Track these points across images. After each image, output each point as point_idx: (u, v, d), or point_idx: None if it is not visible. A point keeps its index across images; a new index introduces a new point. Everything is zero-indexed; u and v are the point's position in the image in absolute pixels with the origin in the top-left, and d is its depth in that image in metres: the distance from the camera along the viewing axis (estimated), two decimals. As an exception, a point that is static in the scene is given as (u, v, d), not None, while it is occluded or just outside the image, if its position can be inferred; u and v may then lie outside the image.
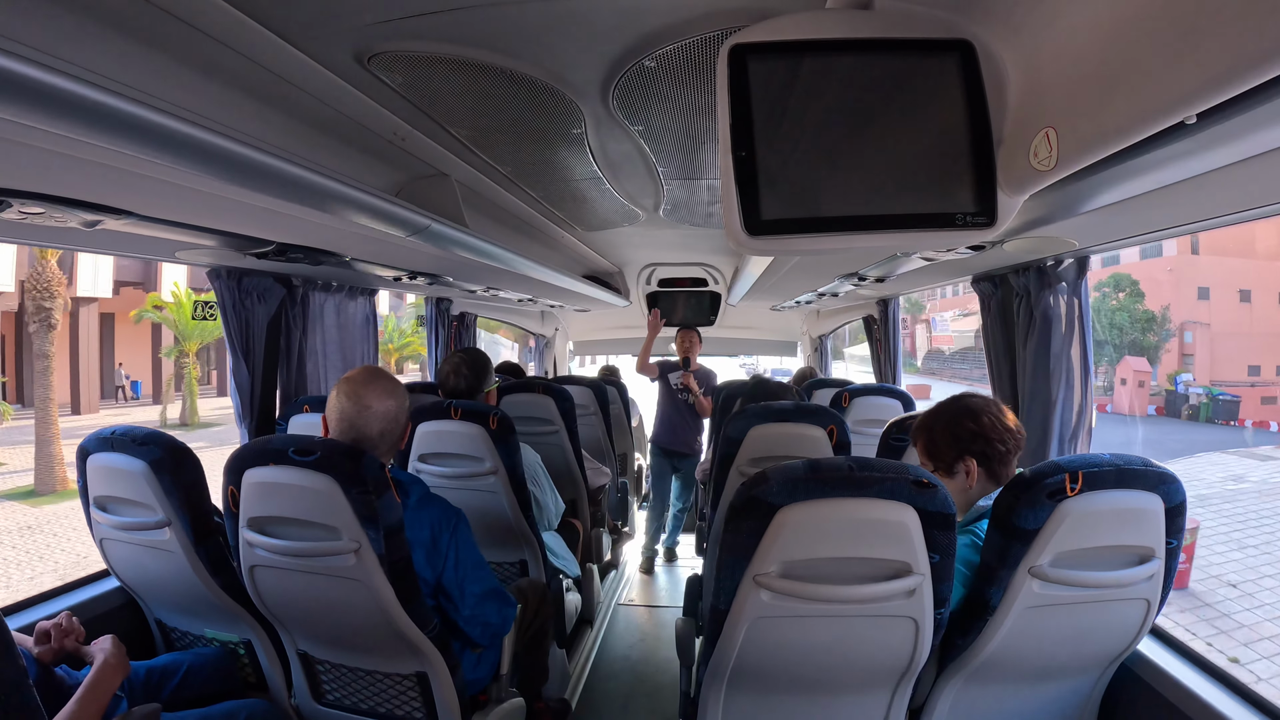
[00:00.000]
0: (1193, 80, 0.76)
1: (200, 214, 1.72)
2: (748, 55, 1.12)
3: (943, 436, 1.71)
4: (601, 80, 1.60)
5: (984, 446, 1.66)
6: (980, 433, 1.66)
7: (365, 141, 1.85)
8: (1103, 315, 29.89)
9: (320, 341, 2.94)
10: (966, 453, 1.67)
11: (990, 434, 1.65)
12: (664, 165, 2.31)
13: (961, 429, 1.68)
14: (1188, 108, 0.79)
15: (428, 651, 1.68)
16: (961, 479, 1.69)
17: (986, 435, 1.66)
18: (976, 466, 1.67)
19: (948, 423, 1.70)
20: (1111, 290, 30.76)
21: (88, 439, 1.90)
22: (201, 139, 1.08)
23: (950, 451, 1.69)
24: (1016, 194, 1.14)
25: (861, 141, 1.16)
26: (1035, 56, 1.07)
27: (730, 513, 1.43)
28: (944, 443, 1.70)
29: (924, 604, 1.43)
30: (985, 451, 1.66)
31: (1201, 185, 1.23)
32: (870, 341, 4.61)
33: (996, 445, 1.65)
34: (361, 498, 1.53)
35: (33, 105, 0.86)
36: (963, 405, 1.71)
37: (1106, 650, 1.63)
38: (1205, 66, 0.74)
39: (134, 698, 1.70)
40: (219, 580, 1.88)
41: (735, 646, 1.48)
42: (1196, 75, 0.75)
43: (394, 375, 1.79)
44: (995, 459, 1.66)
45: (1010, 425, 1.67)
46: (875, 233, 1.16)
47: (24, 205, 1.40)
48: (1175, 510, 1.52)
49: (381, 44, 1.38)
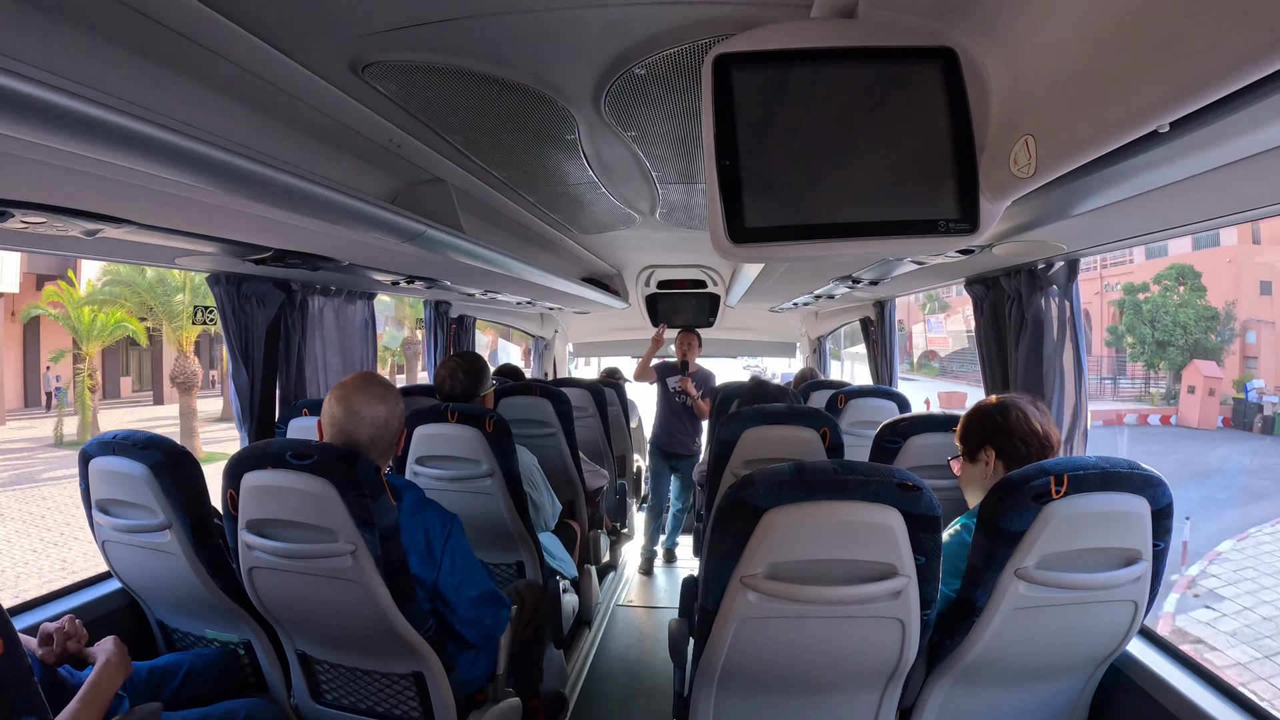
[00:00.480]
0: (1164, 90, 0.78)
1: (199, 222, 1.75)
2: (732, 65, 1.14)
3: (973, 423, 1.82)
4: (593, 88, 1.62)
5: (1004, 441, 1.74)
6: (1004, 428, 1.75)
7: (361, 148, 1.87)
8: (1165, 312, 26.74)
9: (319, 345, 2.96)
10: (988, 443, 1.77)
11: (1013, 431, 1.74)
12: (658, 169, 2.32)
13: (989, 420, 1.78)
14: (1160, 117, 0.81)
15: (424, 652, 1.70)
16: (983, 466, 1.79)
17: (1009, 431, 1.74)
18: (995, 458, 1.76)
19: (981, 412, 1.82)
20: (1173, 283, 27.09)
21: (89, 443, 1.93)
22: (198, 150, 1.10)
23: (975, 438, 1.80)
24: (998, 200, 1.15)
25: (846, 149, 1.18)
26: (1016, 65, 1.08)
27: (718, 515, 1.45)
28: (973, 429, 1.81)
29: (910, 605, 1.45)
30: (1005, 446, 1.74)
31: (1184, 190, 1.25)
32: (867, 343, 4.62)
33: (1017, 444, 1.73)
34: (357, 501, 1.55)
35: (32, 120, 0.88)
36: (1000, 401, 1.81)
37: (1095, 651, 1.64)
38: (1176, 77, 0.76)
39: (135, 697, 1.72)
40: (219, 582, 1.91)
41: (724, 647, 1.50)
42: (1168, 85, 0.77)
43: (389, 381, 1.80)
44: (1013, 456, 1.73)
45: (1036, 429, 1.73)
46: (859, 240, 1.18)
47: (25, 215, 1.42)
48: (1162, 513, 1.54)
49: (375, 54, 1.40)
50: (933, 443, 2.28)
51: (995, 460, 1.76)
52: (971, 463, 1.82)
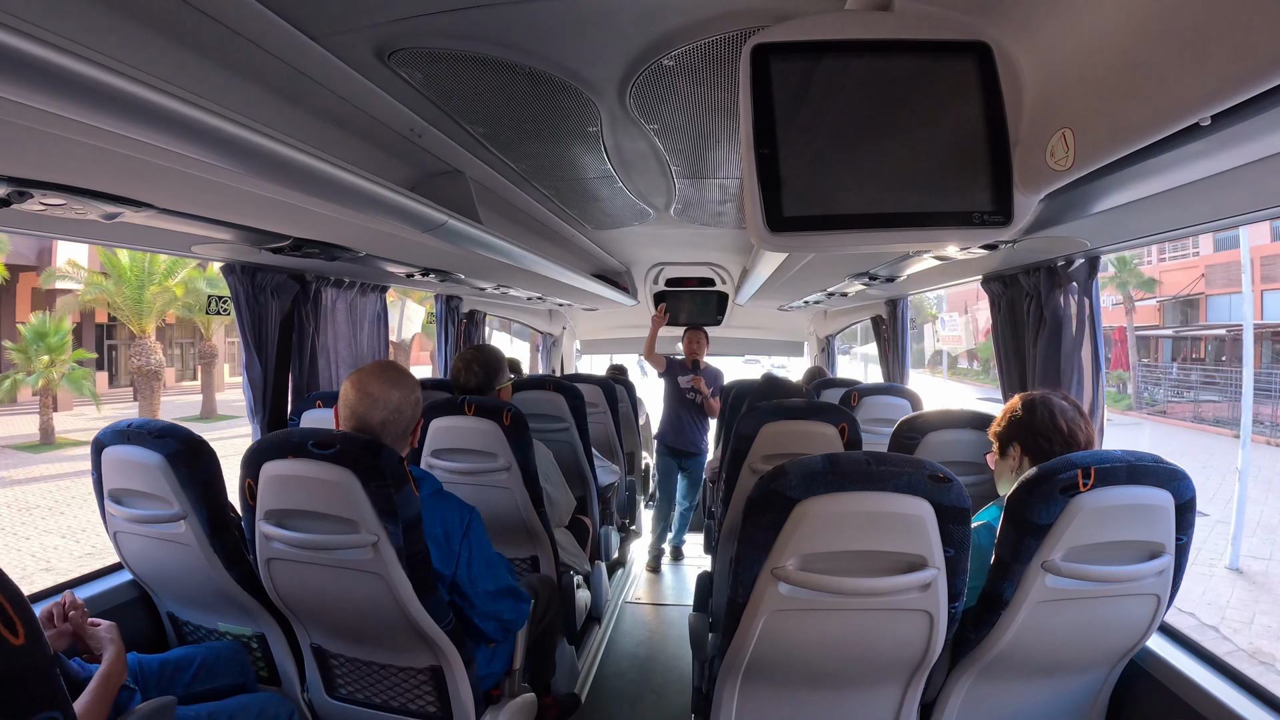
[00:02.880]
0: (1208, 83, 0.78)
1: (218, 207, 1.74)
2: (770, 55, 1.14)
3: (1006, 418, 1.86)
4: (619, 79, 1.61)
5: (1029, 438, 1.77)
6: (1030, 424, 1.78)
7: (381, 138, 1.86)
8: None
9: (332, 338, 2.95)
10: (1015, 439, 1.81)
11: (1038, 428, 1.76)
12: (677, 164, 2.31)
13: (1018, 416, 1.82)
14: (1203, 109, 0.80)
15: (443, 646, 1.69)
16: (1012, 461, 1.83)
17: (1034, 428, 1.77)
18: (1021, 454, 1.79)
19: (1011, 408, 1.85)
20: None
21: (103, 432, 1.90)
22: (222, 129, 1.09)
23: (1005, 434, 1.84)
24: (1033, 193, 1.16)
25: (880, 141, 1.18)
26: (1052, 59, 1.09)
27: (749, 506, 1.45)
28: (1005, 424, 1.85)
29: (939, 598, 1.45)
30: (1029, 443, 1.78)
31: (1214, 186, 1.25)
32: (878, 341, 4.60)
33: (1040, 440, 1.76)
34: (380, 491, 1.54)
35: (56, 91, 0.86)
36: (1030, 398, 1.84)
37: (1117, 645, 1.64)
38: (1220, 69, 0.76)
39: (148, 691, 1.70)
40: (234, 573, 1.89)
41: (751, 639, 1.49)
42: (1212, 78, 0.77)
43: (406, 369, 1.78)
44: (1038, 452, 1.75)
45: (1060, 427, 1.75)
46: (894, 230, 1.18)
47: (45, 196, 1.41)
48: (1185, 506, 1.54)
49: (402, 41, 1.39)
50: (951, 439, 2.27)
51: (1022, 456, 1.78)
52: (1003, 457, 1.86)
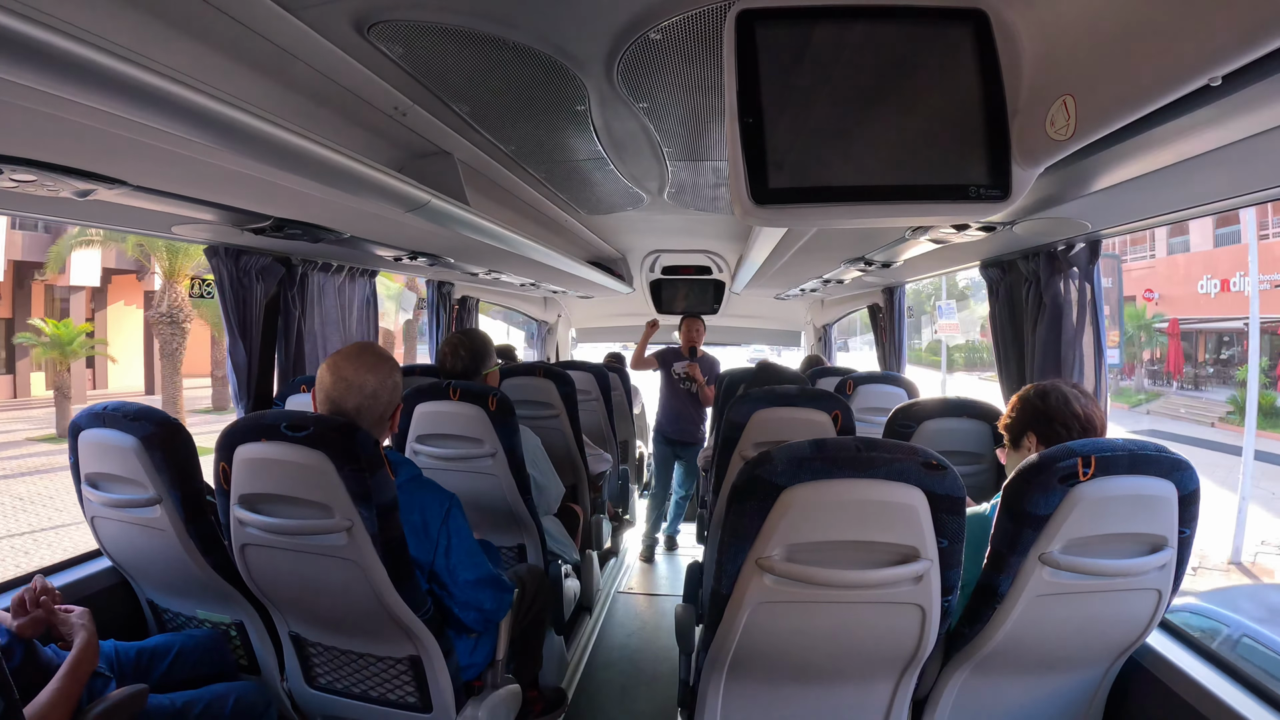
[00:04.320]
0: (1219, 38, 0.74)
1: (195, 185, 1.69)
2: (755, 21, 1.10)
3: (1016, 409, 1.83)
4: (605, 54, 1.56)
5: (1044, 425, 1.74)
6: (1044, 411, 1.74)
7: (365, 116, 1.81)
8: None
9: (319, 322, 2.91)
10: (1030, 429, 1.77)
11: (1054, 414, 1.73)
12: (668, 145, 2.26)
13: (1029, 405, 1.79)
14: (1214, 68, 0.76)
15: (420, 634, 1.65)
16: (1025, 453, 1.76)
17: (1049, 415, 1.73)
18: (1037, 443, 1.74)
19: (1022, 399, 1.82)
20: None
21: (79, 415, 1.87)
22: (195, 102, 1.05)
23: (1018, 425, 1.81)
24: (1032, 166, 1.12)
25: (872, 111, 1.14)
26: (1052, 23, 1.05)
27: (733, 493, 1.40)
28: (1015, 415, 1.82)
29: (931, 591, 1.40)
30: (1045, 431, 1.73)
31: (1220, 160, 1.21)
32: (875, 330, 4.57)
33: (1057, 426, 1.72)
34: (355, 475, 1.50)
35: (25, 62, 0.83)
36: (1041, 386, 1.81)
37: (1116, 641, 1.60)
38: (1232, 23, 0.72)
39: (124, 679, 1.68)
40: (210, 560, 1.86)
41: (736, 633, 1.44)
42: (1223, 33, 0.73)
43: (386, 353, 1.73)
44: (1055, 440, 1.70)
45: (1077, 412, 1.72)
46: (886, 203, 1.14)
47: (15, 172, 1.37)
48: (1189, 498, 1.49)
49: (381, 13, 1.34)
50: (946, 428, 2.23)
51: (1038, 445, 1.73)
52: (1015, 449, 1.81)
